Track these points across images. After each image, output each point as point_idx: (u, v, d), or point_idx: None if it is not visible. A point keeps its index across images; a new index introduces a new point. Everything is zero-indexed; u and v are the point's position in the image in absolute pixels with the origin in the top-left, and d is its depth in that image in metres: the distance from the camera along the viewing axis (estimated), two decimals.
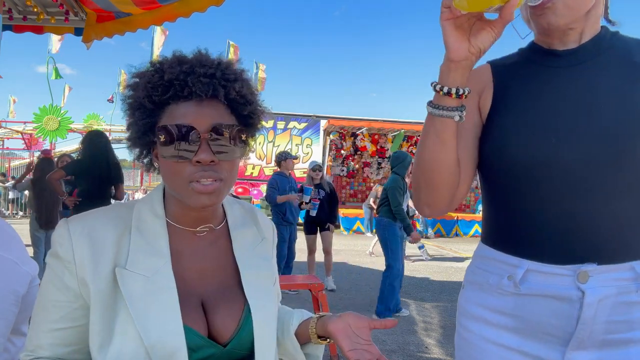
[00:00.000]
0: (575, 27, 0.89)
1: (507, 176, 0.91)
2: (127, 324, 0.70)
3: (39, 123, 13.34)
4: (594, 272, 0.83)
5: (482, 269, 0.97)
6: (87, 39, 3.16)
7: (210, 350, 0.75)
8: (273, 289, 0.87)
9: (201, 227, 0.82)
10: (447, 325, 4.29)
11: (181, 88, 0.72)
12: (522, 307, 0.89)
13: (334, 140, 13.54)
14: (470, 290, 1.00)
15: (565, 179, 0.84)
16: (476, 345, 0.95)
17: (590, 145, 0.82)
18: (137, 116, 0.76)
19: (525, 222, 0.90)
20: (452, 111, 0.84)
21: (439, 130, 0.86)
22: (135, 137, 0.77)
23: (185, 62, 0.75)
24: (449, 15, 0.78)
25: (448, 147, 0.88)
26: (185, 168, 0.72)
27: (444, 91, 0.83)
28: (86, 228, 0.75)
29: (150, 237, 0.77)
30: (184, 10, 2.83)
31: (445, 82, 0.83)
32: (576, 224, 0.85)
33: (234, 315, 0.79)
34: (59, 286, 0.74)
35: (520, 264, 0.89)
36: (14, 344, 1.14)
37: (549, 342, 0.88)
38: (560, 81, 0.89)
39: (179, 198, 0.77)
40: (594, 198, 0.83)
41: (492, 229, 0.98)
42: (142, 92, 0.74)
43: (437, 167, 0.90)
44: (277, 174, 5.33)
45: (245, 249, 0.86)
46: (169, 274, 0.75)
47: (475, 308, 0.96)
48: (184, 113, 0.73)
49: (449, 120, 0.85)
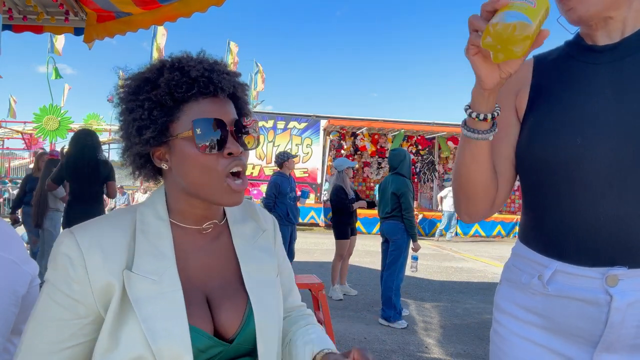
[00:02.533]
0: (614, 15, 0.84)
1: (535, 175, 0.92)
2: (133, 327, 0.69)
3: (39, 123, 13.36)
4: (624, 276, 0.80)
5: (517, 267, 0.97)
6: (89, 39, 3.16)
7: (218, 349, 0.75)
8: (276, 280, 0.87)
9: (207, 224, 0.83)
10: (447, 325, 4.29)
11: (205, 85, 0.75)
12: (550, 307, 0.89)
13: (334, 140, 13.54)
14: (505, 286, 1.01)
15: (592, 180, 0.83)
16: (506, 339, 0.96)
17: (618, 147, 0.80)
18: (155, 115, 0.74)
19: (553, 222, 0.89)
20: (487, 133, 0.88)
21: (474, 151, 0.90)
22: (150, 136, 0.75)
23: (205, 61, 0.78)
24: (476, 50, 0.78)
25: (483, 165, 0.92)
26: (219, 161, 0.75)
27: (480, 118, 0.86)
28: (95, 237, 0.73)
29: (154, 239, 0.77)
30: (184, 10, 2.83)
31: (479, 108, 0.85)
32: (604, 226, 0.82)
33: (237, 310, 0.79)
34: (66, 304, 0.71)
35: (550, 264, 0.88)
36: (14, 344, 1.14)
37: (577, 342, 0.86)
38: (595, 79, 0.87)
39: (204, 195, 0.77)
40: (623, 200, 0.81)
41: (525, 227, 0.98)
42: (163, 89, 0.74)
43: (475, 183, 0.94)
44: (278, 174, 5.24)
45: (245, 243, 0.87)
46: (175, 276, 0.75)
47: (508, 305, 0.97)
48: (207, 109, 0.75)
49: (484, 142, 0.89)
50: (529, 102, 0.95)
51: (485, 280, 6.54)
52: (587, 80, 0.87)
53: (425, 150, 14.19)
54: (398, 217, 4.28)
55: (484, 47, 0.74)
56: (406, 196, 4.22)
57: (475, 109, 0.86)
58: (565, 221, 0.87)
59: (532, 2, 0.71)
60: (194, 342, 0.71)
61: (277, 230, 0.98)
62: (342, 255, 5.27)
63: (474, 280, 6.52)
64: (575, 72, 0.90)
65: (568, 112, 0.87)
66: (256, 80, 17.45)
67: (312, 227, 12.59)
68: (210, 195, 0.77)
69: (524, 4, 0.71)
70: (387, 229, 4.38)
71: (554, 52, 0.98)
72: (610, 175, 0.81)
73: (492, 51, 0.73)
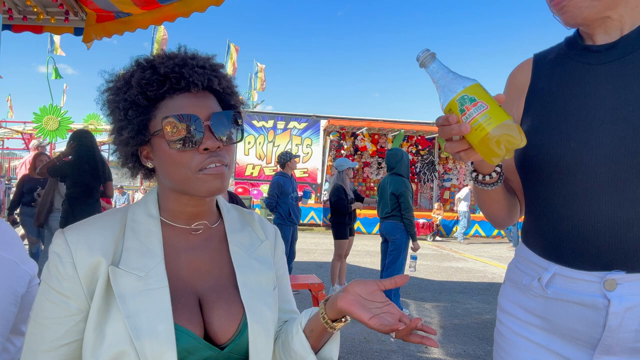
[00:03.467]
0: (612, 15, 0.82)
1: (533, 179, 0.92)
2: (118, 323, 0.69)
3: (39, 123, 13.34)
4: (622, 280, 0.80)
5: (519, 269, 0.98)
6: (87, 39, 3.16)
7: (207, 353, 0.74)
8: (272, 293, 0.85)
9: (196, 224, 0.82)
10: (447, 325, 4.29)
11: (177, 80, 0.74)
12: (549, 310, 0.89)
13: (334, 140, 13.54)
14: (508, 287, 1.01)
15: (587, 183, 0.82)
16: (508, 338, 0.97)
17: (612, 150, 0.79)
18: (130, 115, 0.75)
19: (551, 225, 0.89)
20: (495, 184, 0.92)
21: (490, 195, 0.96)
22: (128, 137, 0.76)
23: (175, 57, 0.77)
24: (465, 154, 0.77)
25: (501, 201, 0.98)
26: (193, 157, 0.74)
27: (486, 180, 0.91)
28: (83, 234, 0.74)
29: (143, 237, 0.77)
30: (183, 10, 2.83)
31: (483, 171, 0.90)
32: (601, 229, 0.81)
33: (232, 319, 0.78)
34: (58, 301, 0.72)
35: (549, 267, 0.88)
36: (14, 343, 1.14)
37: (577, 344, 0.86)
38: (592, 80, 0.85)
39: (185, 191, 0.77)
40: (619, 204, 0.80)
41: (526, 230, 0.99)
42: (135, 89, 0.74)
43: (497, 214, 1.03)
44: (280, 174, 5.26)
45: (242, 252, 0.85)
46: (162, 273, 0.74)
47: (510, 305, 0.98)
48: (181, 105, 0.74)
49: (495, 188, 0.94)
50: (526, 104, 0.95)
51: (485, 280, 6.52)
52: (584, 83, 0.86)
53: (425, 150, 14.18)
54: (397, 217, 4.28)
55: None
56: (405, 196, 4.21)
57: (480, 172, 0.91)
58: (562, 225, 0.87)
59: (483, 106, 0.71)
60: (179, 341, 0.71)
61: (279, 240, 0.96)
62: (341, 255, 5.27)
63: (474, 280, 6.51)
64: (573, 74, 0.89)
65: (563, 116, 0.86)
66: (256, 81, 17.45)
67: (312, 228, 12.58)
68: (187, 190, 0.76)
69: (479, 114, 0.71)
70: (386, 228, 4.38)
71: (553, 51, 0.96)
72: (607, 179, 0.80)
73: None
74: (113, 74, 0.80)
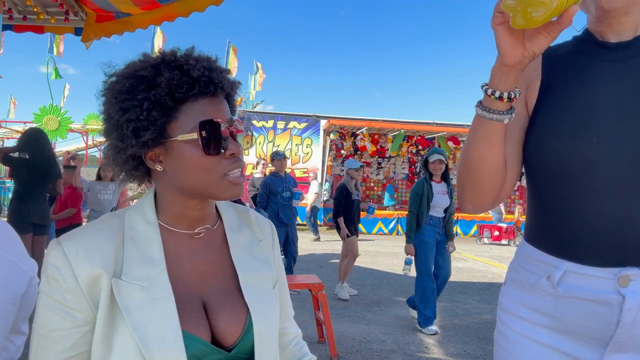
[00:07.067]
0: (631, 12, 0.84)
1: (547, 173, 0.90)
2: (125, 335, 0.68)
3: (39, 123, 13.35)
4: (636, 276, 0.80)
5: (523, 268, 0.96)
6: (86, 38, 3.17)
7: (216, 356, 0.74)
8: (274, 292, 0.85)
9: (199, 228, 0.81)
10: (447, 326, 4.29)
11: (206, 85, 0.73)
12: (560, 308, 0.88)
13: (334, 140, 13.54)
14: (510, 287, 0.99)
15: (606, 180, 0.82)
16: (512, 340, 0.95)
17: (634, 147, 0.79)
18: (154, 116, 0.71)
19: (564, 221, 0.88)
20: (503, 114, 0.83)
21: (488, 132, 0.85)
22: (149, 139, 0.72)
23: (203, 59, 0.76)
24: (501, 19, 0.75)
25: (496, 149, 0.87)
26: (220, 162, 0.75)
27: (496, 95, 0.81)
28: (81, 245, 0.72)
29: (143, 245, 0.75)
30: (183, 10, 2.83)
31: (497, 85, 0.81)
32: (617, 226, 0.82)
33: (237, 321, 0.78)
34: (63, 314, 0.70)
35: (560, 265, 0.87)
36: (14, 343, 1.14)
37: (587, 343, 0.86)
38: (609, 76, 0.85)
39: (206, 195, 0.77)
40: (636, 200, 0.81)
41: (533, 227, 0.97)
42: (164, 89, 0.71)
43: (484, 167, 0.89)
44: (271, 174, 5.43)
45: (242, 252, 0.85)
46: (165, 282, 0.73)
47: (514, 305, 0.96)
48: (206, 109, 0.74)
49: (499, 124, 0.84)
50: (539, 98, 0.93)
51: (485, 280, 6.52)
52: (602, 78, 0.86)
53: (425, 150, 14.19)
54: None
55: (504, 9, 0.71)
56: (410, 196, 4.23)
57: (493, 86, 0.81)
58: (576, 221, 0.86)
59: None
60: (188, 348, 0.70)
61: (275, 237, 0.96)
62: (345, 254, 5.31)
63: (474, 280, 6.50)
64: (589, 69, 0.88)
65: (584, 110, 0.85)
66: (256, 80, 17.45)
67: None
68: (211, 194, 0.77)
69: None
70: None
71: (562, 47, 0.96)
72: (625, 176, 0.81)
73: (512, 13, 0.71)
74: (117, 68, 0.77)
